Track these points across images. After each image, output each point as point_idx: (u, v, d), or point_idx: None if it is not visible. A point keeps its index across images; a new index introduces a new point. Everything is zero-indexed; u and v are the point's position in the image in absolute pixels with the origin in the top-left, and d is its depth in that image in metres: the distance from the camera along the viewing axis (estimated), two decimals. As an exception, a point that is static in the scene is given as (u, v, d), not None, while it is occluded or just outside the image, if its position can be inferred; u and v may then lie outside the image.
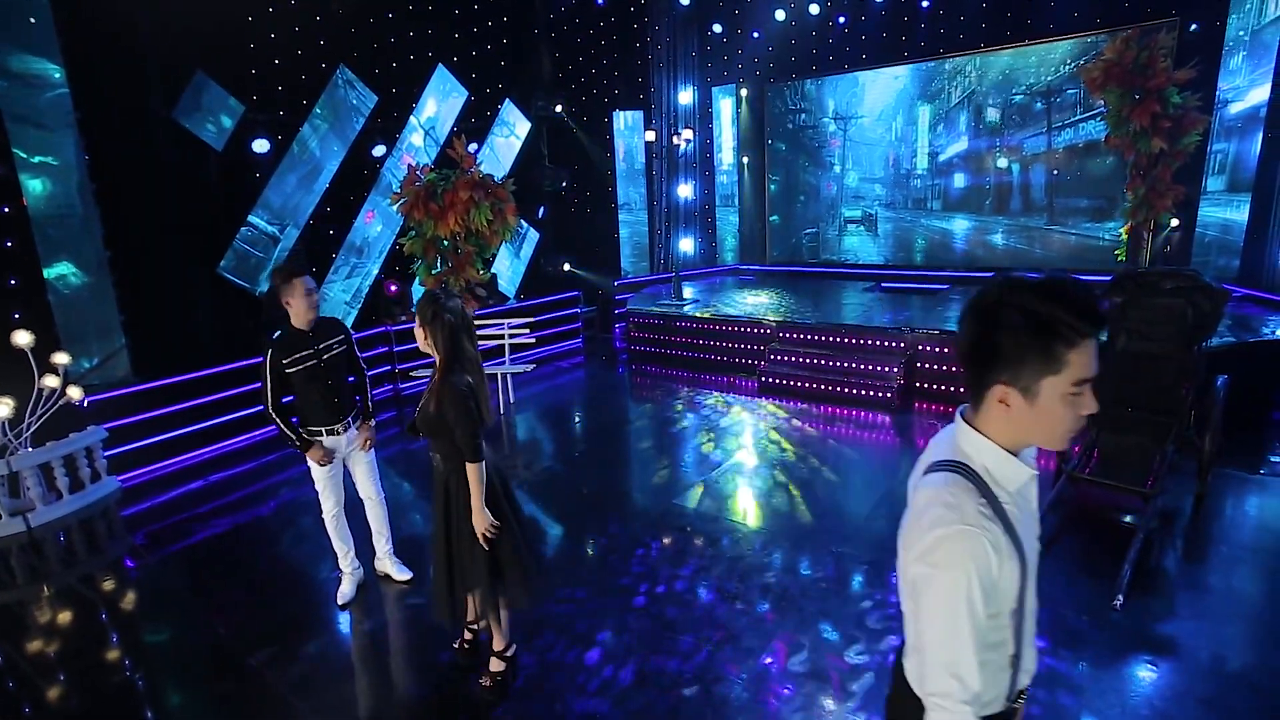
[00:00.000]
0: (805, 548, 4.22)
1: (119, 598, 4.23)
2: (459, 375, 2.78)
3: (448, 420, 2.73)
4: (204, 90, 6.54)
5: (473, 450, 2.74)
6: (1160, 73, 6.42)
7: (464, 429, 2.72)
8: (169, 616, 3.96)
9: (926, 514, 1.23)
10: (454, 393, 2.72)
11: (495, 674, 3.10)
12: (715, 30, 11.58)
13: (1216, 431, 4.41)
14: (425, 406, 2.83)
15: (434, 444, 2.88)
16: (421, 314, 2.80)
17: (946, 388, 6.84)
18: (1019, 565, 1.22)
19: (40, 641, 3.77)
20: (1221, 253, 8.34)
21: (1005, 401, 1.20)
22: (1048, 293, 1.14)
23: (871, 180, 11.14)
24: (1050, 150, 9.41)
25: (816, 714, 2.90)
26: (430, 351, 2.83)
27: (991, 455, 1.26)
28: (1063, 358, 1.13)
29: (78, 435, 5.39)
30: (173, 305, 6.41)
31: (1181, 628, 3.39)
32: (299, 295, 3.37)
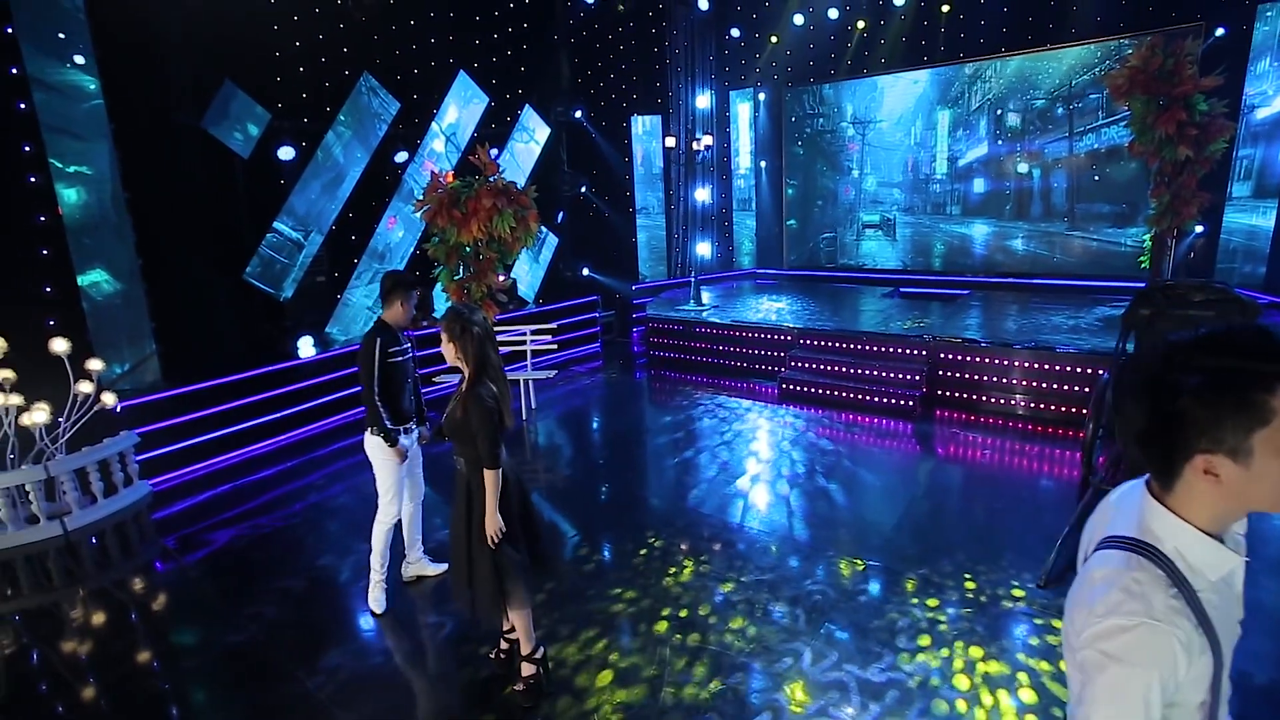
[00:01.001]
0: (833, 559, 4.23)
1: (156, 602, 4.32)
2: (485, 385, 2.89)
3: (472, 427, 2.84)
4: (232, 99, 6.63)
5: (491, 458, 2.87)
6: (1187, 80, 6.36)
7: (485, 437, 2.84)
8: (205, 622, 4.03)
9: (1103, 596, 1.08)
10: (480, 403, 2.84)
11: (527, 679, 3.16)
12: (733, 34, 11.60)
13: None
14: (453, 413, 2.95)
15: (459, 448, 2.98)
16: (450, 329, 2.90)
17: (968, 395, 6.83)
18: (1212, 659, 1.08)
19: (79, 644, 3.85)
20: (1247, 259, 8.27)
21: (1213, 472, 1.05)
22: (1218, 347, 1.04)
23: (890, 185, 11.12)
24: (1072, 155, 9.35)
25: (850, 728, 2.92)
26: (458, 364, 2.94)
27: (1189, 540, 1.09)
28: (1266, 405, 1.00)
29: (111, 440, 5.49)
30: (201, 311, 6.52)
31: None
32: (408, 305, 3.81)
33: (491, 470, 2.87)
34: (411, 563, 4.21)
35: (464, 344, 2.88)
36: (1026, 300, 8.99)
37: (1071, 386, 6.24)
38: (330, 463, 6.45)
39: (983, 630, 3.52)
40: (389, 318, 3.82)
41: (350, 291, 7.98)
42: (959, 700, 3.04)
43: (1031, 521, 4.62)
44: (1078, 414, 6.14)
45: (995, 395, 6.68)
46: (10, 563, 4.77)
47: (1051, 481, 5.32)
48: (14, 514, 5.03)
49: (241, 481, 6.06)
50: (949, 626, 3.54)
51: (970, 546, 4.33)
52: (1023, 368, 6.52)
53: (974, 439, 6.18)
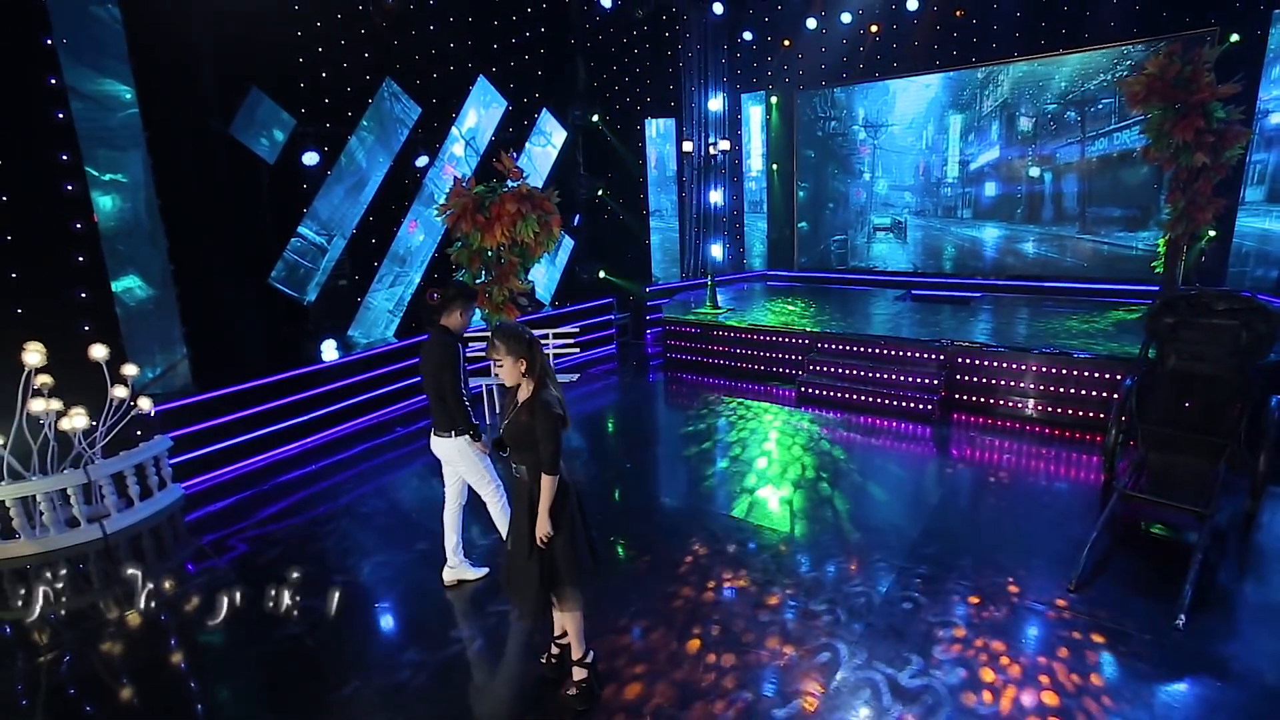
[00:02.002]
0: (861, 562, 4.33)
1: (201, 604, 4.39)
2: (549, 391, 3.00)
3: (537, 434, 2.92)
4: (258, 106, 6.70)
5: (553, 463, 2.95)
6: (1204, 87, 6.44)
7: (549, 442, 2.93)
8: (251, 624, 4.11)
9: None
10: (548, 408, 2.94)
11: (579, 683, 3.24)
12: (746, 38, 11.65)
13: (1272, 451, 4.48)
14: (516, 420, 3.02)
15: (521, 457, 3.06)
16: (514, 348, 2.97)
17: (985, 400, 6.91)
18: None
19: (127, 646, 3.94)
20: (1260, 263, 8.34)
21: None
22: None
23: (901, 188, 11.19)
24: (1084, 159, 9.42)
25: (894, 729, 3.02)
26: (520, 379, 3.01)
27: None
28: None
29: (147, 444, 5.58)
30: (230, 316, 6.60)
31: (1241, 647, 3.47)
32: (469, 314, 4.07)
33: (551, 475, 2.96)
34: (453, 567, 4.30)
35: (532, 357, 2.99)
36: (1039, 304, 9.07)
37: (1089, 391, 6.33)
38: (356, 464, 6.55)
39: (1013, 633, 3.61)
40: (450, 324, 4.00)
41: (372, 295, 8.05)
42: (989, 700, 3.13)
43: (1056, 526, 4.72)
44: (1095, 418, 6.23)
45: (1013, 399, 6.77)
46: (53, 564, 4.86)
47: (1073, 486, 5.41)
48: (55, 517, 5.12)
49: (271, 483, 6.16)
50: (980, 630, 3.64)
51: (997, 551, 4.42)
52: (1040, 372, 6.61)
53: (993, 443, 6.27)
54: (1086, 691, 3.18)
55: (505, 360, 2.97)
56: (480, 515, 4.89)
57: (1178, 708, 3.08)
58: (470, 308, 4.06)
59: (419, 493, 5.95)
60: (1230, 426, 4.38)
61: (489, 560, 4.46)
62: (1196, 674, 3.28)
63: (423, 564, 4.61)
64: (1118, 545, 4.37)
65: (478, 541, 4.80)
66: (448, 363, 3.87)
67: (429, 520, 5.31)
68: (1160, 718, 3.02)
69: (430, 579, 4.38)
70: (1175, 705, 3.10)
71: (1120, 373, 6.03)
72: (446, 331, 3.99)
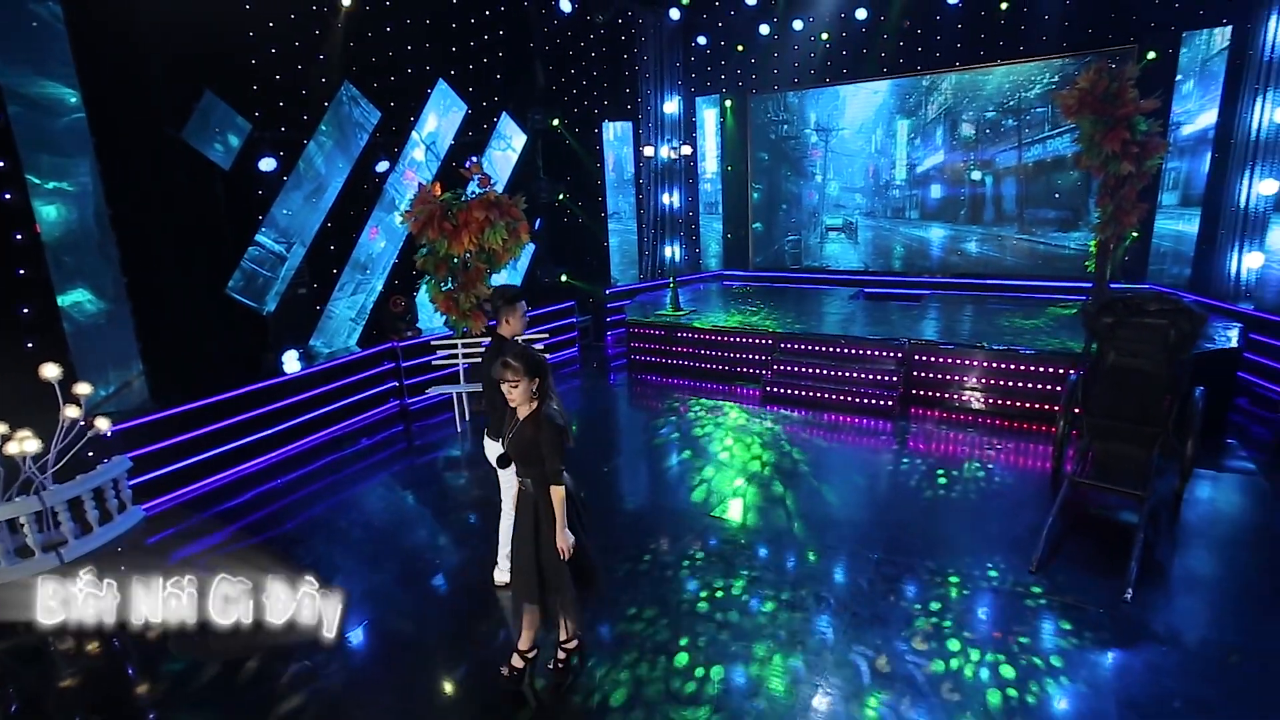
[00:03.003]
0: (832, 553, 4.55)
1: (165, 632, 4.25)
2: (550, 404, 3.10)
3: (543, 447, 3.02)
4: (212, 110, 6.46)
5: (558, 475, 3.06)
6: (1129, 102, 6.97)
7: (555, 455, 3.05)
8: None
9: None
10: (552, 421, 3.05)
11: (561, 660, 3.48)
12: (700, 42, 11.85)
13: (1197, 438, 4.94)
14: (521, 433, 3.10)
15: (525, 470, 3.15)
16: (530, 370, 3.04)
17: (941, 394, 7.31)
18: None
19: (91, 679, 3.80)
20: (1175, 262, 9.09)
21: None
22: None
23: (852, 190, 11.62)
24: (1020, 164, 10.02)
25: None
26: (531, 400, 3.08)
27: None
28: None
29: (105, 466, 5.33)
30: (188, 329, 6.34)
31: (1179, 615, 3.86)
32: (519, 315, 4.02)
33: (559, 486, 3.05)
34: (505, 570, 4.39)
35: (545, 377, 3.08)
36: (983, 302, 9.61)
37: (1036, 385, 6.78)
38: (322, 477, 6.43)
39: (984, 613, 3.90)
40: (506, 331, 4.04)
41: (333, 303, 7.86)
42: (962, 677, 3.39)
43: (1012, 512, 5.07)
44: (1044, 410, 6.68)
45: (967, 394, 7.18)
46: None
47: (1025, 474, 5.80)
48: (5, 548, 4.84)
49: (235, 501, 5.99)
50: (949, 611, 3.91)
51: (962, 537, 4.74)
52: (991, 368, 7.04)
53: (950, 435, 6.65)
54: (1051, 663, 3.47)
55: (521, 382, 3.03)
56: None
57: (1130, 673, 3.41)
58: (515, 308, 4.03)
59: (387, 504, 5.89)
60: (1162, 416, 4.80)
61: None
62: (1144, 642, 3.63)
63: (400, 581, 4.60)
64: (1070, 528, 4.74)
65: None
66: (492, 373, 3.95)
67: (399, 534, 5.30)
68: (1115, 683, 3.34)
69: (406, 595, 4.40)
70: (1128, 671, 3.42)
71: (1064, 368, 6.50)
72: (501, 340, 4.02)
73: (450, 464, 6.77)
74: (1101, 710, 3.19)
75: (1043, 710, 3.21)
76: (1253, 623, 3.79)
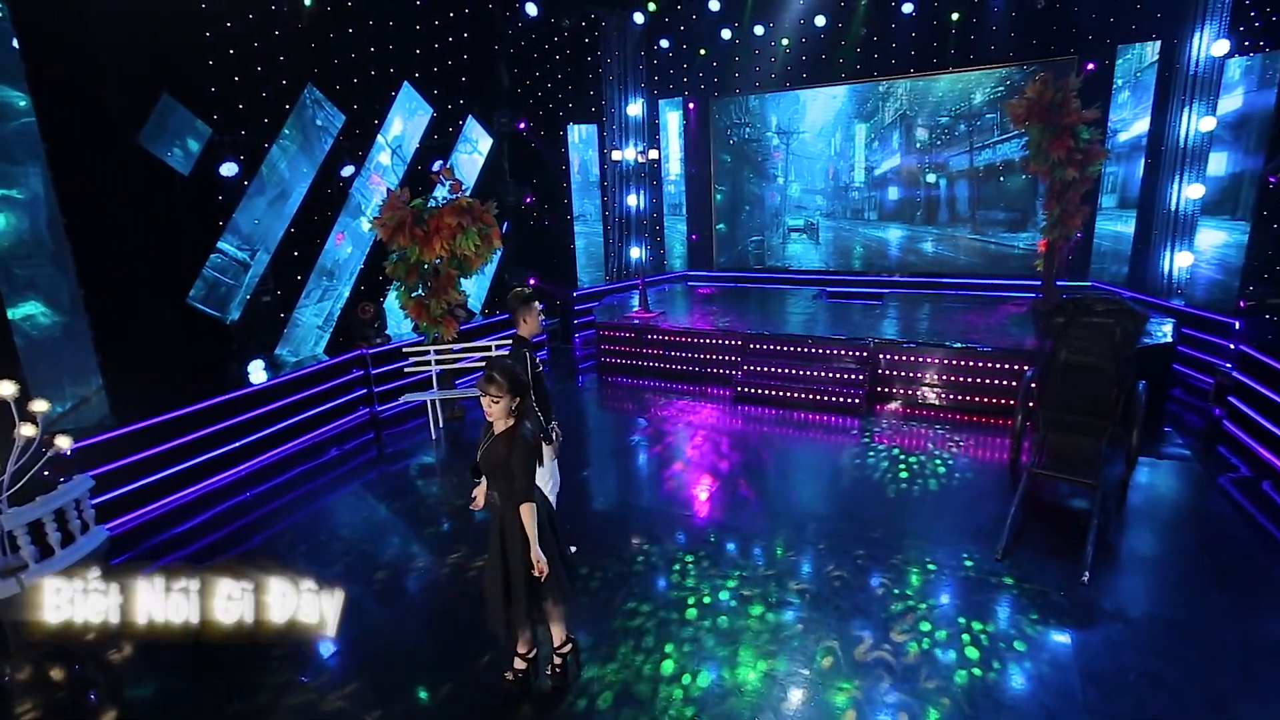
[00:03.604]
0: (812, 548, 4.74)
1: (133, 656, 4.14)
2: (524, 425, 3.18)
3: (512, 464, 3.08)
4: (170, 113, 6.25)
5: (528, 491, 3.13)
6: (1072, 112, 7.39)
7: (524, 472, 3.11)
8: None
9: None
10: (525, 438, 3.13)
11: (556, 665, 3.53)
12: (663, 45, 11.97)
13: (1141, 428, 5.31)
14: (493, 451, 3.16)
15: (494, 484, 3.22)
16: (513, 388, 3.11)
17: (904, 391, 7.62)
18: None
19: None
20: (1114, 260, 9.66)
21: None
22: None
23: (813, 191, 11.93)
24: (972, 167, 10.47)
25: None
26: (508, 418, 3.14)
27: None
28: None
29: (66, 486, 5.12)
30: (149, 341, 6.13)
31: (1133, 593, 4.18)
32: (534, 315, 4.16)
33: (529, 504, 3.11)
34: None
35: (525, 397, 3.15)
36: (939, 301, 10.01)
37: (994, 380, 7.13)
38: (293, 489, 6.32)
39: (957, 598, 4.13)
40: (524, 331, 4.16)
41: (299, 311, 7.70)
42: (938, 660, 3.60)
43: (976, 503, 5.36)
44: (1001, 404, 7.03)
45: (930, 390, 7.50)
46: (-32, 627, 4.40)
47: (985, 465, 6.12)
48: (-39, 574, 4.62)
49: (203, 517, 5.85)
50: (924, 599, 4.13)
51: (931, 528, 4.99)
52: (951, 365, 7.37)
53: (915, 430, 6.94)
54: (1018, 645, 3.71)
55: (503, 398, 3.09)
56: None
57: (1090, 650, 3.67)
58: (531, 308, 4.14)
59: (361, 514, 5.83)
60: (1110, 409, 5.15)
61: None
62: (1101, 621, 3.91)
63: (380, 592, 4.59)
64: (1030, 516, 5.03)
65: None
66: (522, 363, 4.01)
67: (375, 544, 5.26)
68: (1077, 660, 3.60)
69: (388, 605, 4.41)
70: (1088, 648, 3.69)
71: (1020, 364, 6.86)
72: (521, 342, 4.14)
73: (424, 471, 6.73)
74: (1066, 684, 3.44)
75: (1012, 687, 3.44)
76: (1194, 598, 4.13)
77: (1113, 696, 3.37)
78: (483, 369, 3.20)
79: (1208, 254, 7.97)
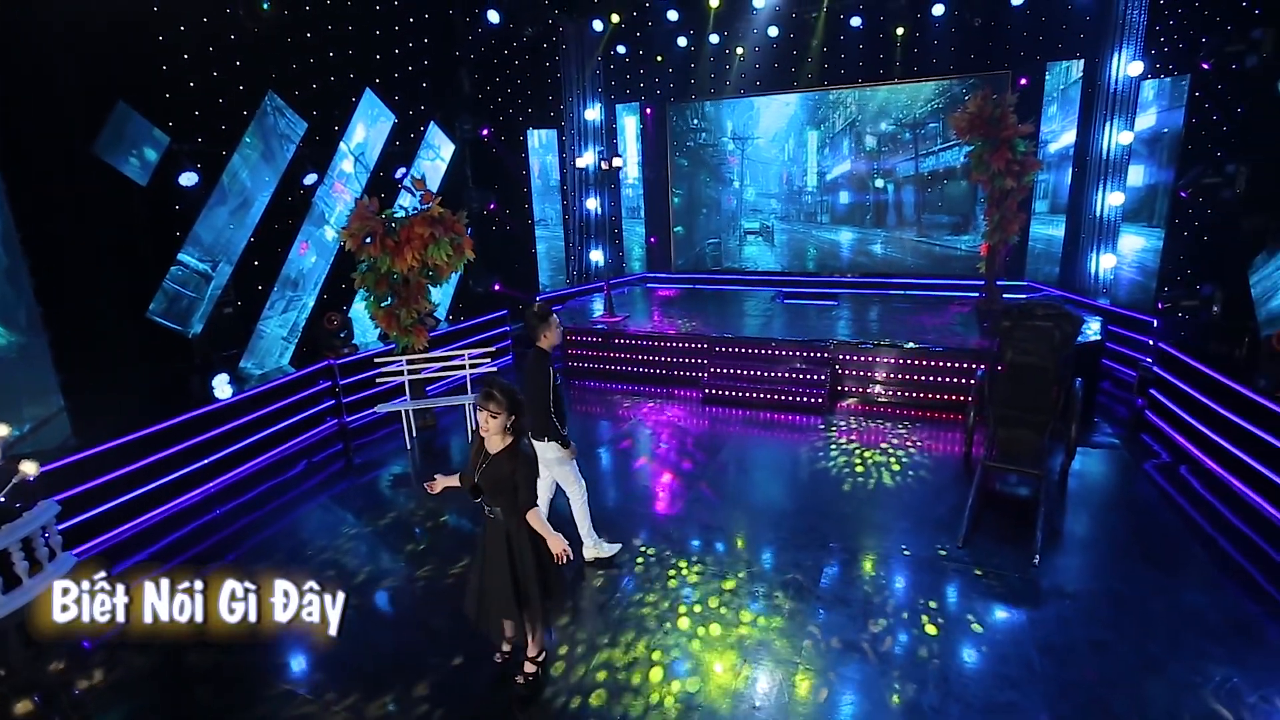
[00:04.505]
0: (795, 545, 5.04)
1: (107, 685, 4.09)
2: (523, 441, 3.37)
3: (515, 479, 3.26)
4: (126, 122, 6.04)
5: (531, 501, 3.34)
6: (1010, 126, 7.96)
7: (528, 485, 3.31)
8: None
9: None
10: (527, 455, 3.33)
11: (529, 675, 3.70)
12: (619, 51, 12.12)
13: (1078, 421, 5.83)
14: (496, 470, 3.32)
15: (496, 499, 3.37)
16: (511, 406, 3.27)
17: (863, 389, 8.05)
18: None
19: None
20: (1046, 261, 10.40)
21: None
22: None
23: (768, 195, 12.34)
24: (917, 173, 11.06)
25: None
26: (504, 435, 3.30)
27: None
28: None
29: (32, 513, 4.94)
30: (111, 358, 5.93)
31: (1078, 571, 4.64)
32: (555, 328, 4.40)
33: (535, 509, 3.34)
34: (589, 547, 4.78)
35: (520, 416, 3.30)
36: (890, 301, 10.55)
37: (947, 379, 7.63)
38: (264, 503, 6.24)
39: (925, 583, 4.50)
40: (544, 345, 4.36)
41: (264, 323, 7.54)
42: (910, 638, 3.95)
43: (936, 495, 5.78)
44: (955, 400, 7.52)
45: (888, 389, 7.95)
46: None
47: (941, 459, 6.57)
48: (-78, 610, 4.42)
49: (174, 536, 5.73)
50: (894, 584, 4.49)
51: (897, 520, 5.37)
52: (906, 364, 7.83)
53: (875, 427, 7.37)
54: (981, 623, 4.10)
55: (500, 415, 3.25)
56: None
57: (1044, 624, 4.09)
58: (550, 323, 4.34)
59: (330, 526, 5.82)
60: (1051, 405, 5.65)
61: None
62: (1052, 598, 4.34)
63: (363, 604, 4.65)
64: (985, 505, 5.47)
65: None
66: (539, 385, 4.25)
67: (354, 555, 5.29)
68: (1033, 633, 4.00)
69: (373, 615, 4.49)
70: (1042, 622, 4.10)
71: (971, 364, 7.36)
72: (542, 353, 4.35)
73: (398, 481, 6.74)
74: (1024, 656, 3.83)
75: (976, 659, 3.81)
76: (1128, 573, 4.62)
77: (1065, 664, 3.78)
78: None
79: (1129, 257, 8.71)
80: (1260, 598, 4.35)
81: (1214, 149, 6.83)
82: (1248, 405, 5.44)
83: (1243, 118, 6.53)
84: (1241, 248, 6.26)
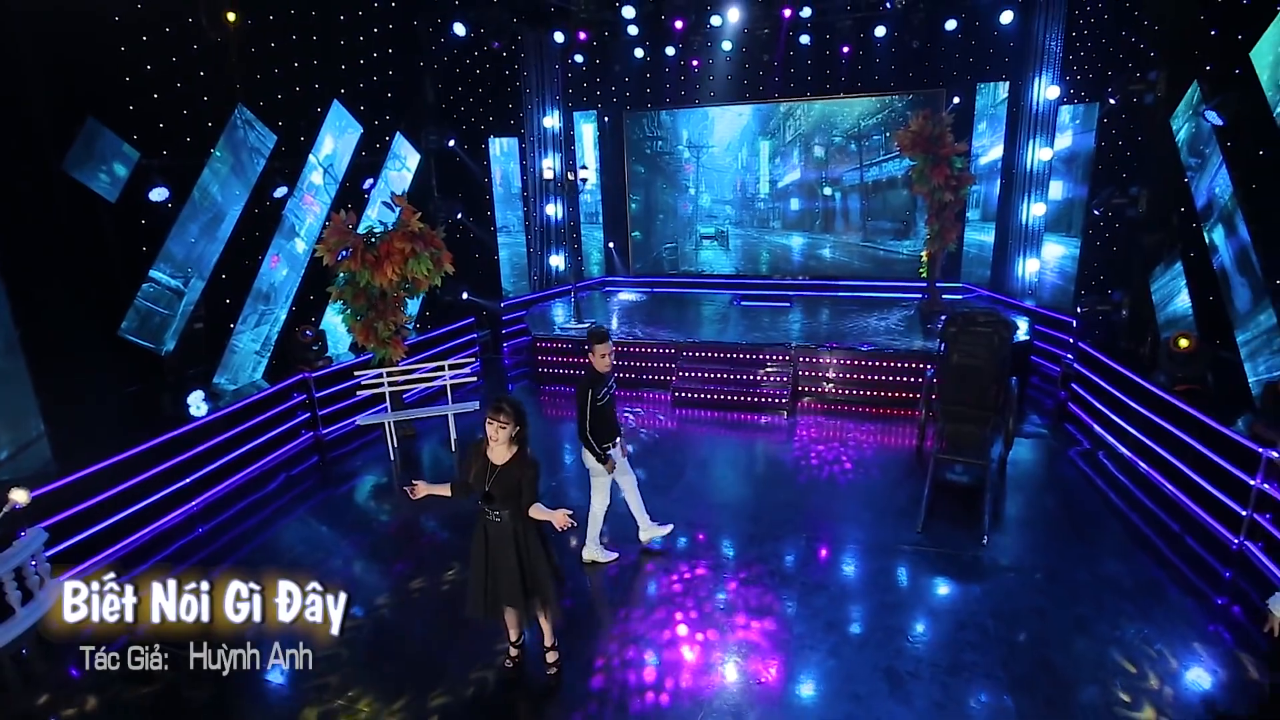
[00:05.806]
0: (772, 537, 5.53)
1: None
2: (528, 450, 3.73)
3: (523, 484, 3.62)
4: (96, 137, 5.95)
5: (535, 498, 3.66)
6: (948, 144, 8.71)
7: (532, 487, 3.65)
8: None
9: None
10: (536, 462, 3.70)
11: (554, 662, 4.09)
12: (577, 60, 12.35)
13: (1016, 415, 6.55)
14: (507, 478, 3.63)
15: (505, 505, 3.67)
16: (520, 419, 3.64)
17: (821, 389, 8.65)
18: None
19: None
20: (979, 265, 11.32)
21: None
22: None
23: (722, 202, 12.86)
24: (863, 182, 11.80)
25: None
26: (506, 442, 3.64)
27: None
28: None
29: (22, 541, 4.89)
30: (90, 380, 5.84)
31: (1019, 549, 5.30)
32: (607, 351, 4.74)
33: (537, 502, 3.65)
34: (645, 529, 5.31)
35: (525, 428, 3.65)
36: (839, 303, 11.25)
37: (900, 378, 8.30)
38: (246, 518, 6.30)
39: (889, 568, 5.06)
40: (600, 366, 4.72)
41: (237, 337, 7.49)
42: (881, 615, 4.49)
43: (894, 486, 6.38)
44: (907, 398, 8.19)
45: (845, 388, 8.56)
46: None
47: (895, 453, 7.21)
48: (-86, 644, 4.36)
49: (159, 557, 5.73)
50: (856, 569, 5.04)
51: (860, 511, 5.93)
52: (862, 365, 8.47)
53: (834, 424, 7.97)
54: (940, 596, 4.68)
55: (509, 427, 3.59)
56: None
57: (993, 595, 4.70)
58: (604, 346, 4.69)
59: (306, 537, 5.94)
60: (992, 401, 6.34)
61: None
62: (999, 573, 4.97)
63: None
64: (938, 493, 6.10)
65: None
66: (579, 405, 4.66)
67: (338, 565, 5.45)
68: (985, 603, 4.60)
69: (365, 620, 4.70)
70: (991, 594, 4.71)
71: (921, 364, 8.03)
72: (591, 373, 4.74)
73: (382, 490, 6.88)
74: (979, 623, 4.42)
75: (939, 629, 4.39)
76: (1059, 548, 5.31)
77: (1014, 628, 4.39)
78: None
79: (1052, 263, 9.64)
80: (1164, 564, 5.11)
81: (1120, 171, 7.70)
82: (1151, 398, 6.26)
83: (1142, 145, 7.40)
84: (1145, 259, 7.12)
